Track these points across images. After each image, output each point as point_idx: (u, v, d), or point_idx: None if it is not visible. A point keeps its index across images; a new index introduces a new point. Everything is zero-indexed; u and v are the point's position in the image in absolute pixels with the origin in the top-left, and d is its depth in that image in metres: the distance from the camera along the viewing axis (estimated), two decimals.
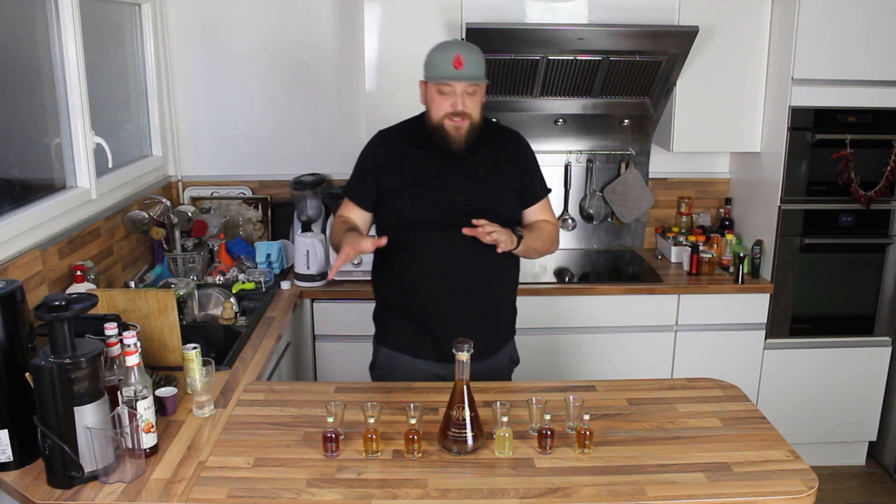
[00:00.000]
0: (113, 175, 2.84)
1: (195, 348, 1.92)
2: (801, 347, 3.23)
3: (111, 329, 1.75)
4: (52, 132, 2.55)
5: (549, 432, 1.71)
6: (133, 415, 1.62)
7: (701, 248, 3.28)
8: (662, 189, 3.63)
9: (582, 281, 3.31)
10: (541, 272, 3.29)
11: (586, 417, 1.72)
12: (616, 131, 3.53)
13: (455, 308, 2.19)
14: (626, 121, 3.50)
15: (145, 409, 1.66)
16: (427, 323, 2.21)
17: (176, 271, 3.03)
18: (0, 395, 1.62)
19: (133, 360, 1.65)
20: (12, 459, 1.64)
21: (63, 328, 1.55)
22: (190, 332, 2.41)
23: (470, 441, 1.70)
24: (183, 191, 3.50)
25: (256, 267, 3.15)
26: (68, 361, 1.53)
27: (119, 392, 1.65)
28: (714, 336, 3.17)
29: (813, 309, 3.21)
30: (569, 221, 3.59)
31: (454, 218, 2.09)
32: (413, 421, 1.70)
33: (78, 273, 2.42)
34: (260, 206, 3.48)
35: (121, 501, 1.54)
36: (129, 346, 1.64)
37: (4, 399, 1.62)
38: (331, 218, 2.33)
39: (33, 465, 1.66)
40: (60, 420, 1.54)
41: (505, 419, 1.72)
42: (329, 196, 3.29)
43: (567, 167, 3.54)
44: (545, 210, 2.32)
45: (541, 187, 2.32)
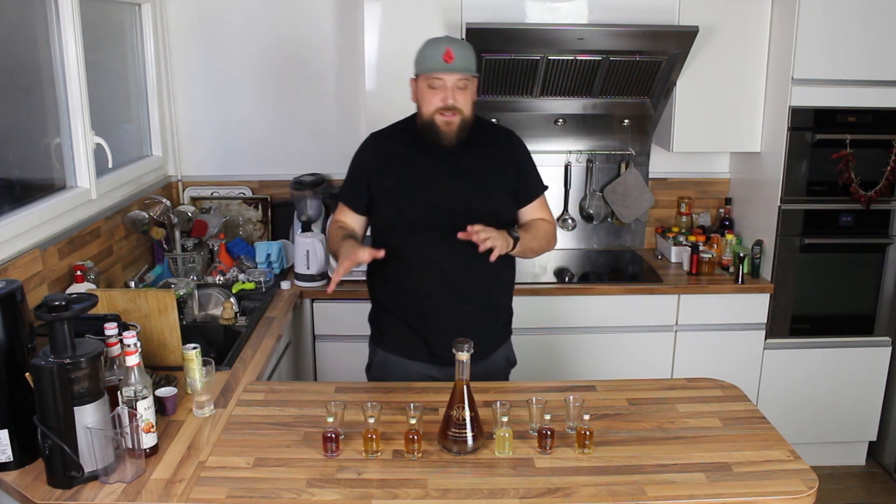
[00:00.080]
0: (113, 175, 2.84)
1: (195, 348, 1.92)
2: (801, 347, 3.23)
3: (111, 329, 1.75)
4: (52, 132, 2.55)
5: (549, 432, 1.71)
6: (133, 415, 1.62)
7: (701, 248, 3.28)
8: (662, 189, 3.63)
9: (582, 281, 3.31)
10: (541, 272, 3.30)
11: (586, 417, 1.72)
12: (616, 131, 3.53)
13: (450, 311, 2.18)
14: (626, 121, 3.50)
15: (145, 409, 1.66)
16: (422, 326, 2.20)
17: (176, 271, 3.03)
18: (0, 395, 1.62)
19: (133, 360, 1.65)
20: (12, 459, 1.64)
21: (63, 328, 1.55)
22: (190, 332, 2.41)
23: (470, 441, 1.70)
24: (183, 191, 3.50)
25: (256, 267, 3.15)
26: (68, 361, 1.53)
27: (119, 392, 1.65)
28: (714, 336, 3.17)
29: (813, 309, 3.21)
30: (569, 221, 3.59)
31: (448, 219, 2.08)
32: (413, 421, 1.70)
33: (78, 273, 2.42)
34: (260, 206, 3.48)
35: (121, 501, 1.54)
36: (129, 346, 1.64)
37: (4, 399, 1.63)
38: (330, 219, 2.32)
39: (33, 465, 1.66)
40: (60, 420, 1.54)
41: (505, 419, 1.72)
42: (329, 196, 3.29)
43: (567, 167, 3.54)
44: (542, 208, 2.30)
45: (537, 185, 2.29)
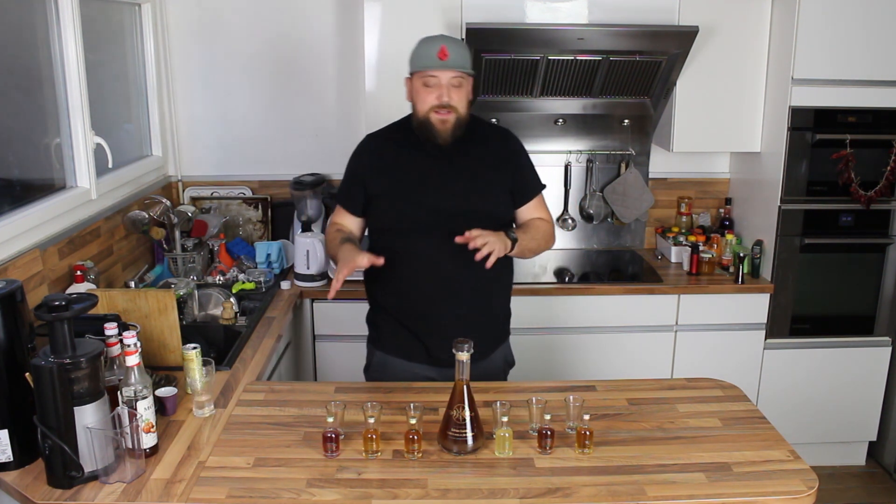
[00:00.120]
0: (113, 175, 2.84)
1: (195, 348, 1.92)
2: (801, 347, 3.23)
3: (111, 329, 1.75)
4: (52, 132, 2.55)
5: (549, 432, 1.71)
6: (133, 415, 1.62)
7: (701, 248, 3.28)
8: (662, 189, 3.63)
9: (582, 281, 3.31)
10: (541, 272, 3.30)
11: (586, 417, 1.72)
12: (616, 131, 3.53)
13: (448, 312, 2.17)
14: (626, 121, 3.50)
15: (145, 409, 1.66)
16: (420, 327, 2.19)
17: (176, 271, 3.03)
18: (0, 395, 1.62)
19: (133, 360, 1.65)
20: (12, 459, 1.64)
21: (63, 328, 1.55)
22: (190, 332, 2.41)
23: (470, 441, 1.70)
24: (183, 191, 3.50)
25: (256, 267, 3.15)
26: (68, 361, 1.53)
27: (119, 392, 1.65)
28: (714, 336, 3.17)
29: (813, 309, 3.21)
30: (569, 221, 3.59)
31: (445, 220, 2.07)
32: (413, 421, 1.70)
33: (78, 273, 2.42)
34: (260, 206, 3.48)
35: (121, 501, 1.54)
36: (129, 346, 1.64)
37: (4, 399, 1.63)
38: (328, 220, 2.32)
39: (33, 465, 1.66)
40: (60, 420, 1.54)
41: (505, 419, 1.72)
42: (329, 196, 3.29)
43: (567, 167, 3.54)
44: (540, 207, 2.29)
45: (534, 184, 2.28)
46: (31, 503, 1.55)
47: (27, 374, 1.58)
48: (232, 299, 2.73)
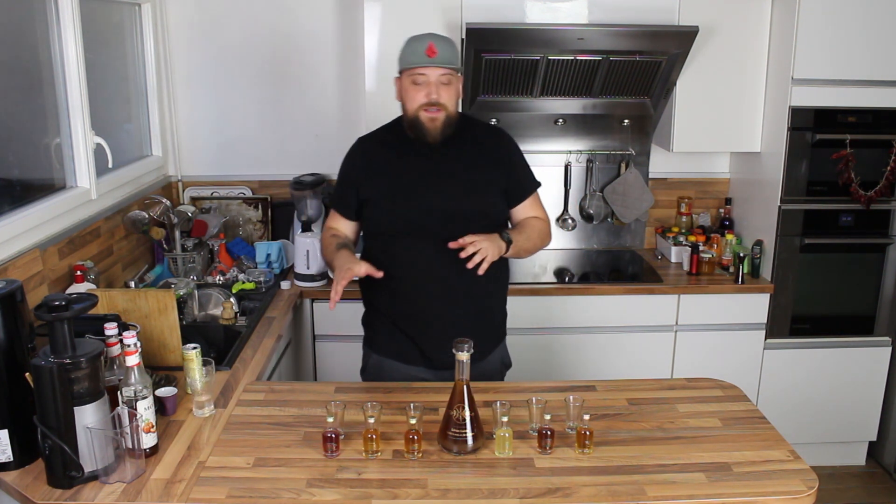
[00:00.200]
0: (113, 175, 2.84)
1: (195, 348, 1.92)
2: (801, 347, 3.23)
3: (111, 329, 1.75)
4: (52, 132, 2.55)
5: (549, 432, 1.71)
6: (133, 415, 1.62)
7: (701, 248, 3.28)
8: (662, 189, 3.63)
9: (582, 281, 3.31)
10: (541, 272, 3.30)
11: (586, 417, 1.72)
12: (616, 131, 3.53)
13: (444, 315, 2.15)
14: (626, 121, 3.50)
15: (145, 409, 1.66)
16: (416, 330, 2.18)
17: (176, 271, 3.03)
18: (0, 395, 1.62)
19: (133, 360, 1.65)
20: (12, 459, 1.64)
21: (63, 328, 1.55)
22: (190, 332, 2.41)
23: (470, 441, 1.70)
24: (183, 191, 3.50)
25: (256, 267, 3.15)
26: (68, 361, 1.53)
27: (119, 392, 1.65)
28: (714, 336, 3.17)
29: (813, 309, 3.21)
30: (569, 221, 3.59)
31: (439, 222, 2.06)
32: (413, 421, 1.70)
33: (78, 273, 2.42)
34: (260, 206, 3.48)
35: (121, 501, 1.54)
36: (129, 346, 1.64)
37: (4, 399, 1.63)
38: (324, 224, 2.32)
39: (33, 465, 1.66)
40: (60, 420, 1.54)
41: (505, 419, 1.72)
42: (329, 196, 3.28)
43: (567, 167, 3.54)
44: (535, 206, 2.26)
45: (528, 183, 2.25)
46: (31, 503, 1.55)
47: (27, 374, 1.58)
48: (232, 299, 2.73)
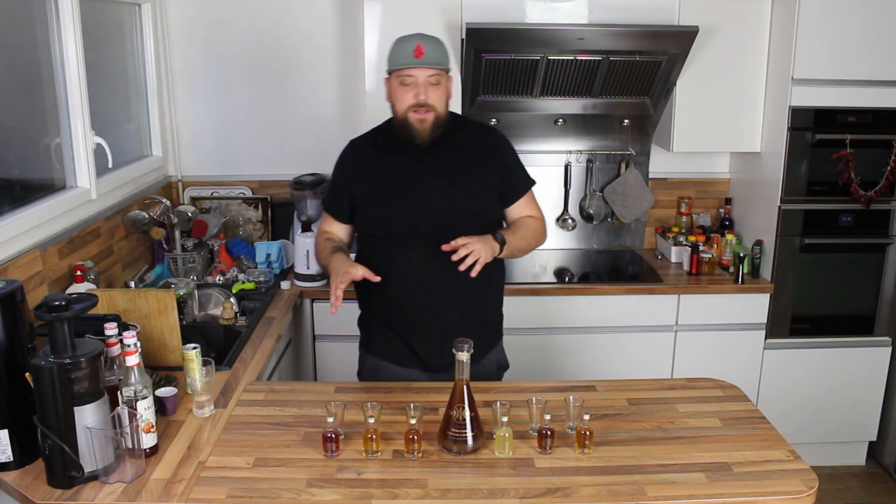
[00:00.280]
0: (113, 175, 2.84)
1: (195, 348, 1.92)
2: (801, 347, 3.23)
3: (111, 329, 1.75)
4: (52, 132, 2.55)
5: (549, 432, 1.71)
6: (133, 415, 1.62)
7: (701, 248, 3.28)
8: (662, 189, 3.63)
9: (582, 281, 3.31)
10: (541, 272, 3.30)
11: (586, 417, 1.72)
12: (616, 131, 3.53)
13: (439, 317, 2.14)
14: (626, 121, 3.50)
15: (145, 409, 1.66)
16: (411, 333, 2.17)
17: (176, 271, 3.03)
18: (0, 395, 1.62)
19: (133, 360, 1.65)
20: (12, 459, 1.64)
21: (63, 328, 1.55)
22: (190, 332, 2.41)
23: (470, 441, 1.70)
24: (183, 191, 3.50)
25: (256, 267, 3.15)
26: (68, 361, 1.53)
27: (119, 392, 1.65)
28: (714, 336, 3.17)
29: (813, 309, 3.21)
30: (569, 221, 3.59)
31: (432, 223, 2.06)
32: (413, 421, 1.70)
33: (78, 273, 2.42)
34: (260, 206, 3.48)
35: (121, 501, 1.54)
36: (129, 346, 1.64)
37: (4, 399, 1.63)
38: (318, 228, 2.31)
39: (33, 465, 1.66)
40: (60, 420, 1.54)
41: (505, 419, 1.72)
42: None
43: (567, 167, 3.54)
44: (530, 205, 2.24)
45: (522, 182, 2.23)
46: (31, 503, 1.55)
47: (27, 374, 1.58)
48: (232, 299, 2.73)
